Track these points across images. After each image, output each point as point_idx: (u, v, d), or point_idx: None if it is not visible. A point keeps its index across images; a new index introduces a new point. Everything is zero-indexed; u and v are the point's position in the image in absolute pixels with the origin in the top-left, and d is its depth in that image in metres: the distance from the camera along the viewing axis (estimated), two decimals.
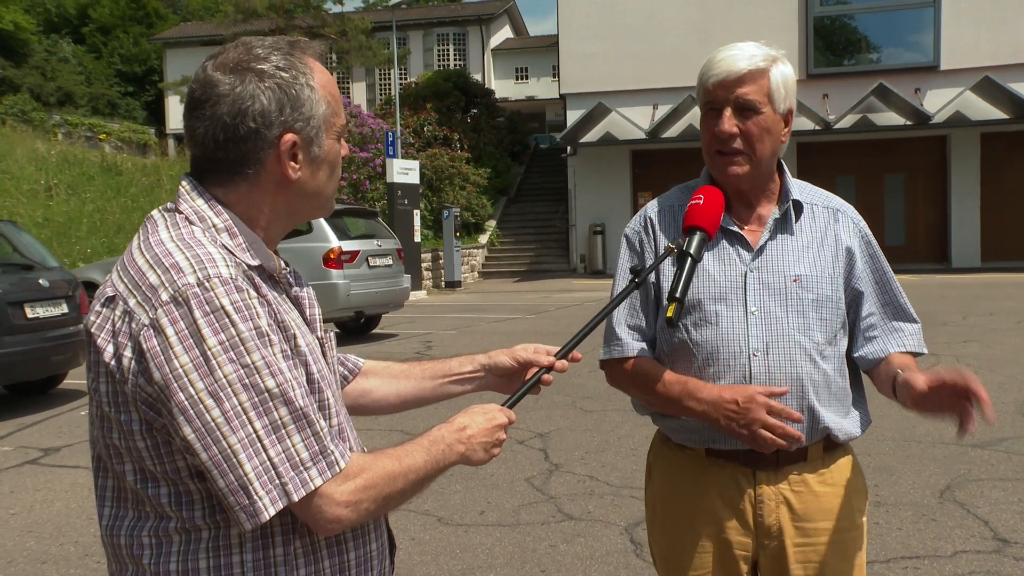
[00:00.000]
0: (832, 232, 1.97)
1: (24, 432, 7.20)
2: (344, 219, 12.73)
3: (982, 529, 4.32)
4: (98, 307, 1.31)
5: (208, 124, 1.33)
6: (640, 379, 1.99)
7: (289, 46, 1.37)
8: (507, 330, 12.88)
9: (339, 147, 1.43)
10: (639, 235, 2.06)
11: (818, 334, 1.92)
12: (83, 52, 46.62)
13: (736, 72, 1.84)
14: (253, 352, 1.24)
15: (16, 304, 7.79)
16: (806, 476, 1.94)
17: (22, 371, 8.01)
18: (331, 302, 11.47)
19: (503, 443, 1.49)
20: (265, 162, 1.35)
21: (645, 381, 1.98)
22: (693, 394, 1.87)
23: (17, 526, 4.91)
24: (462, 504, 4.98)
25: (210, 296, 1.24)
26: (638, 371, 1.99)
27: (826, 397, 1.93)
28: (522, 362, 1.68)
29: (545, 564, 4.11)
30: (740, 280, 1.93)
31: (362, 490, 1.29)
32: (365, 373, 1.73)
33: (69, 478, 5.78)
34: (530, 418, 6.91)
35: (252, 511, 1.22)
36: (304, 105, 1.35)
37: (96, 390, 1.31)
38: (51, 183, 20.21)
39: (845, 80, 23.01)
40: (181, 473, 1.28)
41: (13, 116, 29.56)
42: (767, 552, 1.95)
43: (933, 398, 1.71)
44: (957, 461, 5.44)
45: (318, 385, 1.34)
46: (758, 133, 1.87)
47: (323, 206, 1.45)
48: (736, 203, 1.97)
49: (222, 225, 1.34)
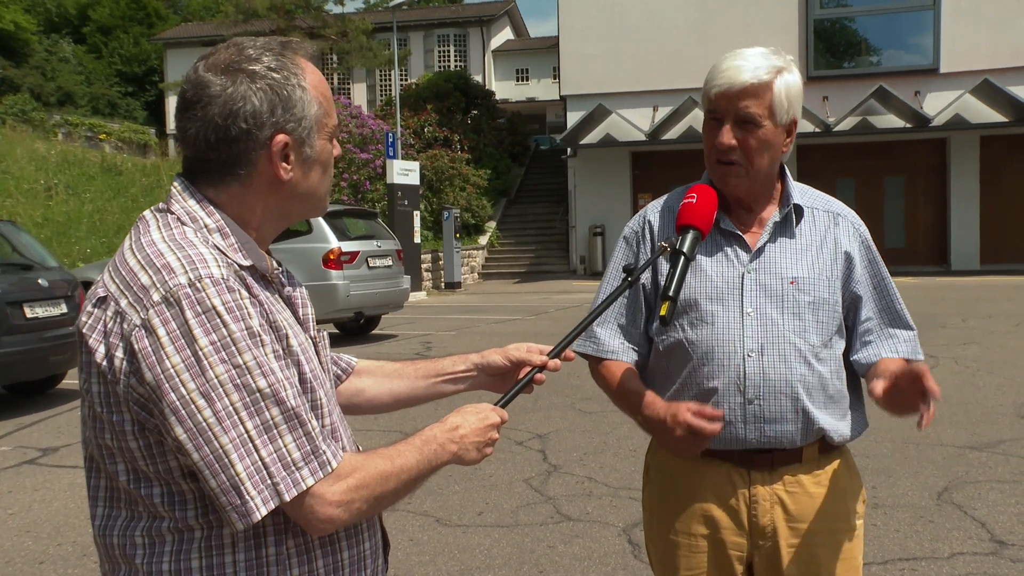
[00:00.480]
0: (832, 235, 1.98)
1: (23, 432, 7.20)
2: (344, 220, 12.74)
3: (979, 531, 4.32)
4: (90, 308, 1.31)
5: (200, 125, 1.33)
6: (605, 382, 2.05)
7: (281, 47, 1.38)
8: (507, 331, 12.88)
9: (331, 147, 1.43)
10: (636, 235, 2.07)
11: (814, 336, 1.92)
12: (83, 52, 46.62)
13: (739, 85, 1.84)
14: (244, 352, 1.24)
15: (15, 304, 7.79)
16: (800, 477, 1.95)
17: (21, 371, 8.01)
18: (331, 303, 11.47)
19: (496, 442, 1.49)
20: (257, 163, 1.35)
21: (608, 385, 2.03)
22: (637, 408, 1.94)
23: (15, 526, 4.91)
24: (460, 505, 4.98)
25: (201, 296, 1.24)
26: (606, 373, 2.05)
27: (821, 399, 1.93)
28: (515, 361, 1.68)
29: (543, 565, 4.11)
30: (737, 281, 1.93)
31: (354, 490, 1.29)
32: (358, 372, 1.74)
33: (67, 478, 5.78)
34: (529, 419, 6.91)
35: (244, 511, 1.22)
36: (296, 106, 1.35)
37: (88, 390, 1.31)
38: (51, 183, 20.21)
39: (845, 82, 23.02)
40: (173, 473, 1.28)
41: (13, 116, 29.55)
42: (762, 552, 1.96)
43: (898, 399, 1.74)
44: (955, 463, 5.44)
45: (310, 385, 1.34)
46: (756, 147, 1.87)
47: (315, 207, 1.45)
48: (737, 207, 1.99)
49: (214, 226, 1.34)
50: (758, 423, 1.91)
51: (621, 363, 2.03)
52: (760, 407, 1.90)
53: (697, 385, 1.94)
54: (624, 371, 2.02)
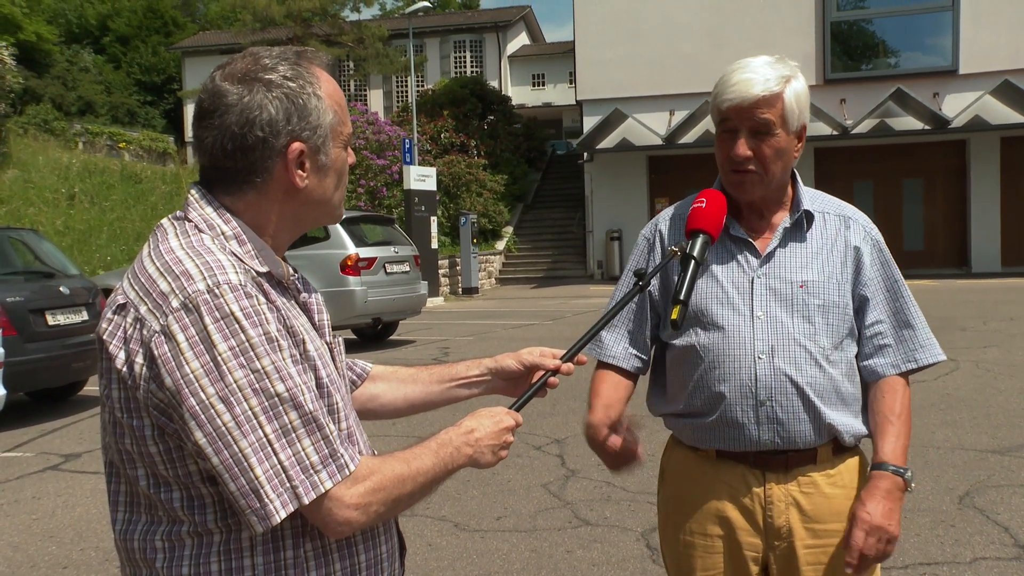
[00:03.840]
0: (843, 238, 1.99)
1: (45, 438, 7.27)
2: (361, 226, 12.78)
3: (1002, 536, 4.28)
4: (109, 314, 1.33)
5: (216, 133, 1.35)
6: (592, 386, 2.12)
7: (296, 56, 1.39)
8: (524, 336, 12.88)
9: (346, 155, 1.45)
10: (648, 242, 2.10)
11: (824, 339, 1.93)
12: (103, 62, 47.08)
13: (751, 98, 1.86)
14: (263, 357, 1.25)
15: (37, 311, 7.88)
16: (815, 477, 1.95)
17: (43, 378, 8.09)
18: (348, 309, 11.51)
19: (510, 445, 1.50)
20: (273, 171, 1.36)
21: (591, 389, 2.11)
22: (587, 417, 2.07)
23: (39, 531, 4.96)
24: (479, 510, 4.99)
25: (220, 302, 1.25)
26: (595, 377, 2.13)
27: (834, 400, 1.93)
28: (528, 365, 1.69)
29: (562, 570, 4.11)
30: (747, 286, 1.95)
31: (371, 493, 1.30)
32: (373, 378, 1.75)
33: (89, 484, 5.84)
34: (546, 424, 6.91)
35: (263, 514, 1.23)
36: (311, 114, 1.37)
37: (108, 396, 1.33)
38: (72, 191, 20.40)
39: (863, 85, 22.89)
40: (193, 477, 1.30)
41: (35, 126, 29.85)
42: (777, 554, 1.96)
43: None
44: (976, 467, 5.40)
45: (327, 389, 1.36)
46: (771, 155, 1.90)
47: (330, 214, 1.46)
48: (748, 213, 2.00)
49: (231, 232, 1.36)
50: (771, 424, 1.91)
51: (611, 373, 2.10)
52: (772, 408, 1.91)
53: (708, 388, 1.95)
54: (607, 382, 2.09)
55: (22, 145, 22.82)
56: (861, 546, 1.86)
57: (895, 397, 1.97)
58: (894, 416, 1.95)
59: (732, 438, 1.93)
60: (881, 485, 1.90)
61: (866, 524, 1.86)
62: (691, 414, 2.00)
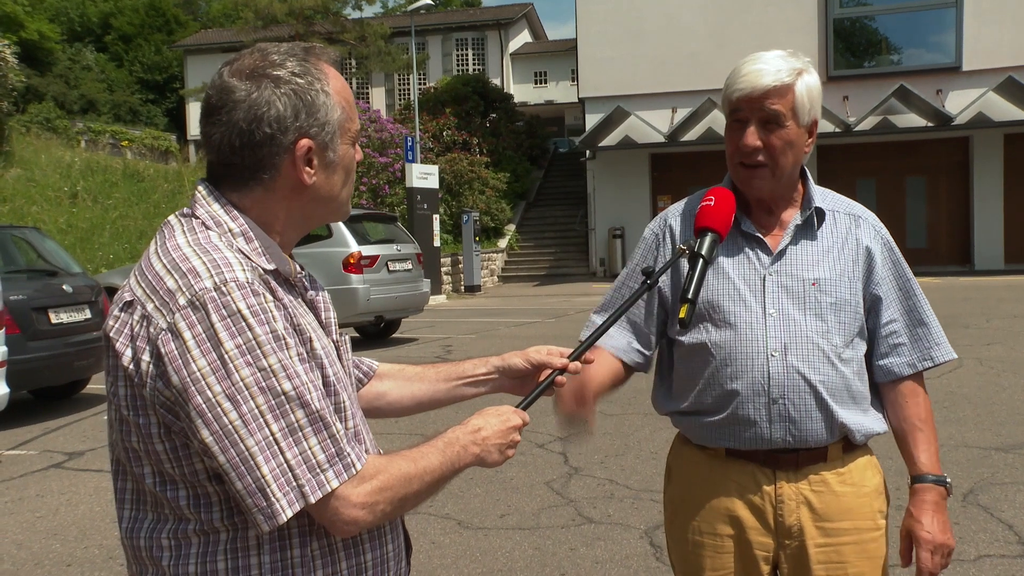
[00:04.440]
0: (853, 236, 1.98)
1: (49, 436, 7.28)
2: (364, 224, 12.78)
3: (1006, 533, 4.28)
4: (116, 312, 1.32)
5: (224, 130, 1.34)
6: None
7: (304, 52, 1.39)
8: (527, 334, 12.88)
9: (353, 152, 1.44)
10: (657, 238, 2.08)
11: (836, 337, 1.92)
12: (105, 60, 47.13)
13: (761, 88, 1.85)
14: (270, 355, 1.25)
15: (40, 310, 7.88)
16: (826, 476, 1.95)
17: (46, 376, 8.10)
18: (351, 307, 11.51)
19: (517, 444, 1.49)
20: (280, 167, 1.36)
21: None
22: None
23: (43, 529, 4.96)
24: (482, 508, 4.99)
25: (227, 300, 1.25)
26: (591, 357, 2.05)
27: (845, 398, 1.93)
28: (535, 364, 1.68)
29: (565, 568, 4.11)
30: (759, 283, 1.94)
31: (378, 492, 1.30)
32: (380, 376, 1.74)
33: (93, 482, 5.84)
34: (550, 422, 6.90)
35: (270, 513, 1.23)
36: (319, 111, 1.36)
37: (115, 394, 1.33)
38: (75, 190, 20.42)
39: (865, 82, 22.84)
40: (199, 475, 1.30)
41: (38, 125, 29.90)
42: (788, 553, 1.95)
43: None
44: (980, 465, 5.39)
45: (334, 388, 1.35)
46: (781, 147, 1.88)
47: (338, 211, 1.46)
48: (758, 210, 1.99)
49: (238, 230, 1.36)
50: (783, 422, 1.90)
51: (607, 355, 2.02)
52: (785, 406, 1.90)
53: (720, 386, 1.94)
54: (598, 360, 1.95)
55: (25, 143, 22.85)
56: (930, 567, 1.89)
57: (918, 402, 1.98)
58: (921, 422, 1.96)
59: (743, 436, 1.92)
60: (928, 498, 1.92)
61: (930, 544, 1.89)
62: (700, 412, 1.99)
